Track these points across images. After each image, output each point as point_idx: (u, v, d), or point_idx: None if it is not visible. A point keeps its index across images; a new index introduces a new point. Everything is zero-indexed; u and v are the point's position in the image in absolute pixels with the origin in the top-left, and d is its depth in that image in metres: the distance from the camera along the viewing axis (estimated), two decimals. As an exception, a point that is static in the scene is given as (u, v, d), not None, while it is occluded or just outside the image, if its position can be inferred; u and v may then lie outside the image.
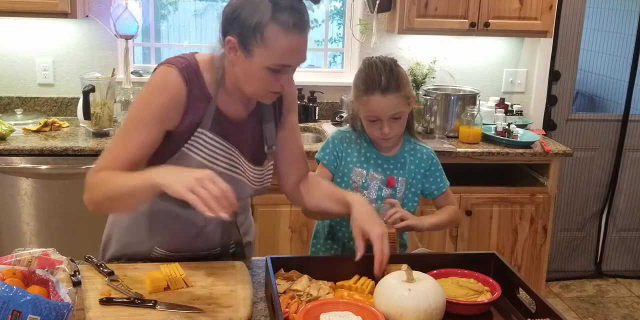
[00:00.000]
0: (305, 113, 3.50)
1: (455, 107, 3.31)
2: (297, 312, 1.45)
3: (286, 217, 3.06)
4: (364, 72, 1.87)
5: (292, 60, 1.54)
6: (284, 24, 1.48)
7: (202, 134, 1.62)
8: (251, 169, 1.72)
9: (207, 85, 1.62)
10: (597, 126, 3.86)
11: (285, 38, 1.49)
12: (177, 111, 1.59)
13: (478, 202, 3.18)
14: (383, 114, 1.84)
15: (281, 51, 1.51)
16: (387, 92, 1.82)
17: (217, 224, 1.74)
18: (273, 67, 1.53)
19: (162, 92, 1.58)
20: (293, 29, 1.49)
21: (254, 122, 1.72)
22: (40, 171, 2.88)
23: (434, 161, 1.99)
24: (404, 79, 1.86)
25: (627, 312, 3.64)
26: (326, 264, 1.71)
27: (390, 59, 1.88)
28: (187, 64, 1.60)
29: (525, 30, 3.37)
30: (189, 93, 1.59)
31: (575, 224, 3.99)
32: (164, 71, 1.60)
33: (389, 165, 1.95)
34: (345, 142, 1.98)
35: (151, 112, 1.58)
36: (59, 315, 1.31)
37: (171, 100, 1.58)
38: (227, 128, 1.66)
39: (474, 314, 1.58)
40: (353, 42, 3.63)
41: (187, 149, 1.62)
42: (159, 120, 1.58)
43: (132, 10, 3.22)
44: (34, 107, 3.43)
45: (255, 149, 1.72)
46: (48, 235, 2.96)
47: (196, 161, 1.63)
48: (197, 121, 1.62)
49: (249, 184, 1.73)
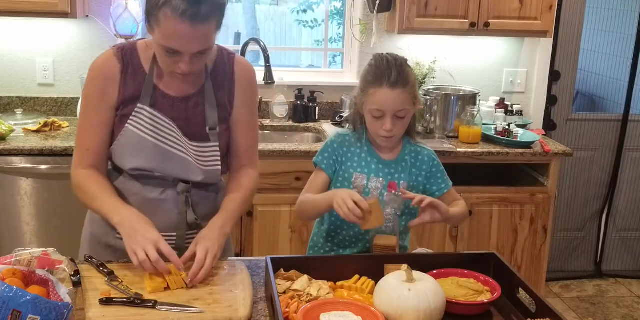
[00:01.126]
0: (305, 113, 3.50)
1: (455, 107, 3.31)
2: (297, 312, 1.45)
3: (286, 217, 3.06)
4: (374, 65, 1.86)
5: (179, 46, 1.59)
6: (174, 9, 1.52)
7: (142, 109, 1.72)
8: (191, 146, 1.76)
9: (142, 62, 1.73)
10: (597, 126, 3.86)
11: (172, 23, 1.54)
12: (112, 87, 1.72)
13: (478, 202, 3.18)
14: (389, 109, 1.82)
15: (168, 35, 1.57)
16: (396, 86, 1.81)
17: (171, 199, 1.78)
18: (166, 49, 1.59)
19: (97, 72, 1.74)
20: (182, 17, 1.52)
21: (196, 101, 1.77)
22: (40, 171, 2.88)
23: (434, 163, 1.97)
24: (412, 78, 1.86)
25: (627, 312, 3.64)
26: (326, 264, 1.71)
27: (401, 56, 1.88)
28: (124, 45, 1.76)
29: (525, 30, 3.37)
30: (122, 70, 1.72)
31: (575, 224, 3.99)
32: (102, 54, 1.77)
33: (390, 169, 1.92)
34: (345, 145, 1.94)
35: (92, 94, 1.74)
36: (59, 315, 1.31)
37: (106, 78, 1.72)
38: (164, 103, 1.74)
39: (474, 314, 1.58)
40: (353, 42, 3.63)
41: (130, 125, 1.72)
42: (100, 100, 1.73)
43: (132, 10, 3.22)
44: (34, 107, 3.43)
45: (196, 128, 1.77)
46: (48, 235, 2.96)
47: (139, 137, 1.72)
48: (133, 97, 1.72)
49: (195, 163, 1.76)
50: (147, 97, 1.72)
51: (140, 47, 1.76)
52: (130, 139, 1.73)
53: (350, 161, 1.93)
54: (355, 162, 1.92)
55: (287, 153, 3.00)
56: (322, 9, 3.75)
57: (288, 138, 3.47)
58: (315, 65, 3.90)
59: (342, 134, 1.98)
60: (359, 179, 1.91)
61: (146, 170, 1.75)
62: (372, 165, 1.91)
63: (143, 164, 1.74)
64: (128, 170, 1.76)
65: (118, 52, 1.73)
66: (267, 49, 3.38)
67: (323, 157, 1.95)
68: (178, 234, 1.81)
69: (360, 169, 1.91)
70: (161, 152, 1.73)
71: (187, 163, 1.76)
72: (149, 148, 1.73)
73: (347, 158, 1.93)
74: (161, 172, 1.75)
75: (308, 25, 5.91)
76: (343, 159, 1.93)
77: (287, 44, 6.41)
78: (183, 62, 1.62)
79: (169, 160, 1.74)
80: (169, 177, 1.77)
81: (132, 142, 1.73)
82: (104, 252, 1.83)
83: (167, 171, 1.75)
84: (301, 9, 5.68)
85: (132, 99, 1.72)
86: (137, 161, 1.74)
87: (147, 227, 1.64)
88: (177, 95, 1.75)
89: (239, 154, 1.88)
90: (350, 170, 1.92)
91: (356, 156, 1.93)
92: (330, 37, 3.96)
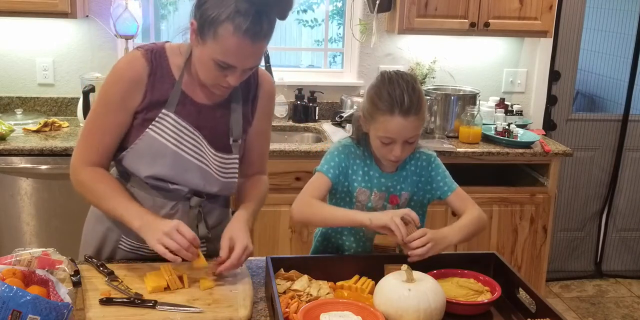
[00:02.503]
0: (305, 113, 3.50)
1: (455, 107, 3.31)
2: (297, 312, 1.45)
3: (286, 217, 3.06)
4: (384, 89, 1.71)
5: (237, 62, 1.57)
6: (237, 26, 1.50)
7: (167, 116, 1.67)
8: (214, 156, 1.74)
9: (172, 67, 1.69)
10: (597, 126, 3.86)
11: (234, 40, 1.52)
12: (138, 90, 1.66)
13: (478, 202, 3.10)
14: (400, 137, 1.71)
15: (227, 51, 1.54)
16: (409, 114, 1.69)
17: (182, 214, 1.75)
18: (219, 62, 1.57)
19: (123, 72, 1.67)
20: (244, 34, 1.51)
21: (223, 111, 1.74)
22: (40, 171, 2.88)
23: (433, 166, 1.88)
24: (424, 100, 1.74)
25: (627, 312, 3.64)
26: (326, 264, 1.71)
27: (411, 75, 1.75)
28: (153, 47, 1.69)
29: (525, 30, 3.37)
30: (150, 73, 1.66)
31: (575, 224, 3.99)
32: (129, 54, 1.70)
33: (392, 182, 1.85)
34: (351, 157, 1.85)
35: (115, 94, 1.67)
36: (59, 315, 1.31)
37: (132, 80, 1.65)
38: (191, 111, 1.70)
39: (474, 314, 1.58)
40: (353, 42, 3.63)
41: (152, 130, 1.67)
42: (122, 101, 1.66)
43: (132, 10, 3.22)
44: (34, 107, 3.43)
45: (219, 137, 1.74)
46: (48, 235, 2.96)
47: (161, 143, 1.67)
48: (159, 101, 1.67)
49: (214, 174, 1.74)
50: (173, 103, 1.67)
51: (169, 50, 1.70)
52: (149, 144, 1.67)
53: (355, 175, 1.85)
54: (359, 176, 1.85)
55: (287, 153, 3.00)
56: (322, 9, 3.75)
57: (288, 138, 3.47)
58: (315, 65, 3.90)
59: (347, 145, 1.87)
60: (363, 194, 1.85)
61: (163, 178, 1.70)
62: (374, 180, 1.84)
63: (161, 171, 1.69)
64: (144, 178, 1.70)
65: (147, 53, 1.67)
66: (267, 48, 3.37)
67: (329, 166, 1.83)
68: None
69: (364, 183, 1.84)
70: (181, 160, 1.69)
71: (206, 173, 1.72)
72: (168, 155, 1.68)
73: (352, 171, 1.85)
74: (178, 181, 1.71)
75: (308, 25, 5.91)
76: (349, 171, 1.85)
77: (287, 44, 6.41)
78: (233, 77, 1.59)
79: (188, 170, 1.70)
80: (183, 190, 1.72)
81: (152, 148, 1.67)
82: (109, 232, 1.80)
83: (184, 180, 1.71)
84: (301, 9, 5.68)
85: (158, 104, 1.67)
86: (154, 168, 1.69)
87: (165, 220, 1.63)
88: (206, 103, 1.72)
89: (253, 161, 1.87)
90: (355, 184, 1.85)
91: (360, 170, 1.85)
92: (330, 37, 3.96)
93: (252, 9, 1.50)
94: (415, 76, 1.79)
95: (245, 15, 1.49)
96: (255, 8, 1.50)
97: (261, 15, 1.51)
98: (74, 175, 1.73)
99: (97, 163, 1.72)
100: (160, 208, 1.73)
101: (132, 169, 1.72)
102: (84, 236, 1.88)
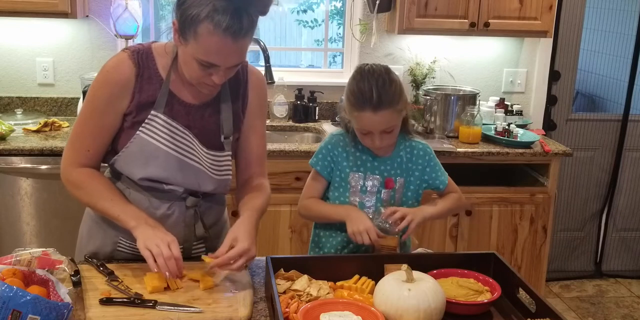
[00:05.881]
0: (305, 113, 3.50)
1: (455, 107, 3.31)
2: (297, 312, 1.45)
3: (286, 217, 3.06)
4: (355, 84, 1.79)
5: (219, 61, 1.56)
6: (217, 24, 1.49)
7: (156, 117, 1.67)
8: (206, 154, 1.73)
9: (159, 68, 1.68)
10: (597, 126, 3.86)
11: (215, 39, 1.51)
12: (125, 92, 1.66)
13: (478, 202, 3.18)
14: (374, 129, 1.79)
15: (208, 50, 1.53)
16: (379, 108, 1.75)
17: (178, 215, 1.75)
18: (201, 62, 1.56)
19: (111, 75, 1.66)
20: (224, 32, 1.50)
21: (212, 110, 1.74)
22: (40, 171, 2.88)
23: (430, 156, 1.95)
24: (396, 91, 1.78)
25: (627, 312, 3.64)
26: (326, 264, 1.71)
27: (384, 67, 1.80)
28: (139, 48, 1.69)
29: (525, 30, 3.37)
30: (137, 74, 1.66)
31: (575, 224, 3.99)
32: (116, 56, 1.70)
33: (385, 166, 1.91)
34: (339, 146, 1.92)
35: (102, 97, 1.67)
36: (59, 315, 1.31)
37: (119, 83, 1.65)
38: (180, 111, 1.70)
39: (474, 314, 1.58)
40: (353, 42, 3.63)
41: (142, 132, 1.67)
42: (110, 104, 1.66)
43: (132, 10, 3.22)
44: (34, 107, 3.43)
45: (210, 136, 1.74)
46: (48, 235, 2.96)
47: (153, 145, 1.67)
48: (148, 103, 1.67)
49: (208, 172, 1.73)
50: (161, 104, 1.67)
51: (155, 51, 1.69)
52: (141, 147, 1.67)
53: (346, 161, 1.91)
54: (350, 161, 1.91)
55: (287, 153, 3.00)
56: (322, 9, 3.75)
57: (288, 138, 3.47)
58: (315, 65, 3.90)
59: (337, 135, 1.95)
60: (356, 179, 1.90)
61: (158, 180, 1.70)
62: (368, 164, 1.91)
63: (155, 173, 1.69)
64: (138, 180, 1.70)
65: (133, 55, 1.66)
66: (267, 48, 3.38)
67: (317, 158, 1.94)
68: (185, 245, 1.78)
69: (356, 168, 1.90)
70: (174, 161, 1.69)
71: (200, 172, 1.72)
72: (161, 156, 1.68)
73: (342, 158, 1.91)
74: (173, 182, 1.71)
75: (308, 25, 5.90)
76: (338, 159, 1.92)
77: (287, 44, 6.41)
78: (217, 75, 1.59)
79: (181, 170, 1.70)
80: (178, 190, 1.72)
81: (144, 150, 1.67)
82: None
83: (179, 181, 1.71)
84: (301, 9, 5.68)
85: (147, 105, 1.67)
86: (148, 170, 1.69)
87: (164, 230, 1.63)
88: (194, 102, 1.72)
89: (251, 162, 1.85)
90: (347, 170, 1.91)
91: (351, 155, 1.91)
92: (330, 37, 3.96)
93: (230, 6, 1.49)
94: (388, 68, 1.82)
95: (223, 13, 1.48)
96: (234, 5, 1.49)
97: (240, 12, 1.50)
98: (65, 176, 1.73)
99: (87, 165, 1.72)
100: (156, 209, 1.73)
101: (126, 172, 1.72)
102: (79, 240, 1.87)
